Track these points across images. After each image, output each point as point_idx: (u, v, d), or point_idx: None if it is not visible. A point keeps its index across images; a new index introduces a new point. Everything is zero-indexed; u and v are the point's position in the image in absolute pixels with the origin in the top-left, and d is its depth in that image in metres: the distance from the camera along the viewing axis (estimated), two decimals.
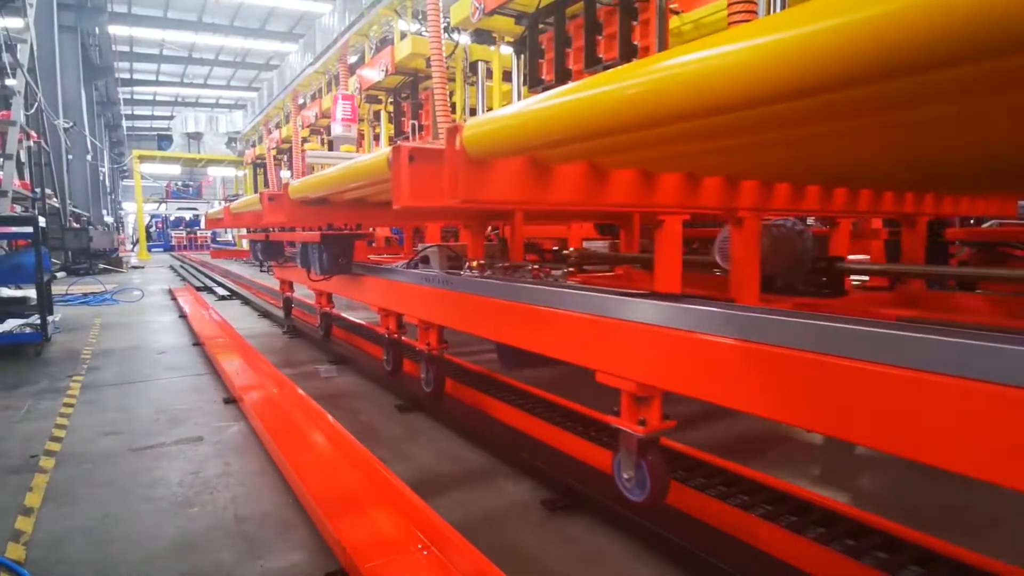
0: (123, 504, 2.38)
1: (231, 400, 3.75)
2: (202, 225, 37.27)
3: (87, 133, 20.82)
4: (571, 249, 3.70)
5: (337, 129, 9.59)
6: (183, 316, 7.26)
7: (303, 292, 8.12)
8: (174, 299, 8.99)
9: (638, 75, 1.18)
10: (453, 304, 2.81)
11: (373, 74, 10.29)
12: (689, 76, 1.07)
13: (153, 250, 30.34)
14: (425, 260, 3.43)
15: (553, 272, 2.74)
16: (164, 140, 36.31)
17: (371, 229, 7.12)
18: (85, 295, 9.63)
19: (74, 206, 16.02)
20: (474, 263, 2.94)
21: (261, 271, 6.19)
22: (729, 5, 3.88)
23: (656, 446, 1.93)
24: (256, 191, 23.96)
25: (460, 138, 1.72)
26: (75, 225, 14.72)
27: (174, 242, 34.16)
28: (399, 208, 1.93)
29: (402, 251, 7.42)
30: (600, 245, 4.09)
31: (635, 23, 5.10)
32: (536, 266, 2.89)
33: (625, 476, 1.97)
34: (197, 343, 5.60)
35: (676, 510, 2.17)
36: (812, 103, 0.99)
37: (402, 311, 3.65)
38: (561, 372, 3.90)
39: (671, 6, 5.18)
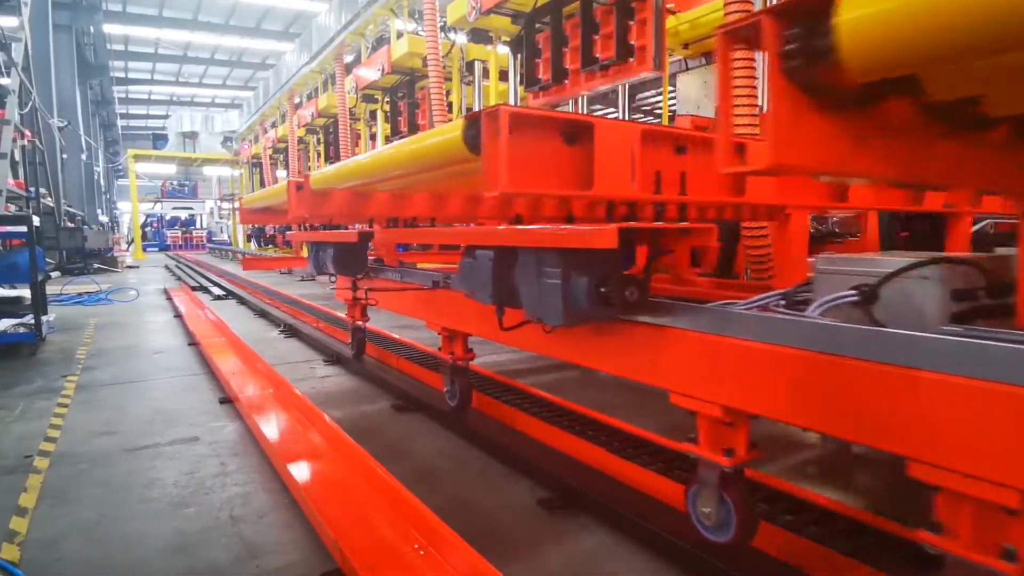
0: (118, 504, 2.36)
1: (227, 400, 3.74)
2: (199, 224, 37.18)
3: (82, 132, 20.75)
4: None
5: None
6: (178, 316, 7.23)
7: (296, 291, 8.04)
8: (169, 299, 8.96)
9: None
10: None
11: (369, 73, 10.29)
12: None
13: (148, 250, 30.24)
14: (870, 297, 1.51)
15: None
16: (159, 139, 36.21)
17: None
18: (80, 295, 9.59)
19: (69, 205, 15.96)
20: None
21: (357, 299, 4.00)
22: (725, 5, 3.89)
23: None
24: (253, 191, 23.92)
25: None
26: (70, 225, 14.67)
27: (170, 241, 34.06)
28: None
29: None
30: None
31: (632, 23, 5.10)
32: None
33: None
34: (193, 343, 5.58)
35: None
36: None
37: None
38: None
39: (667, 6, 5.19)
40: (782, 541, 1.87)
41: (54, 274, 12.73)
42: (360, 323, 4.46)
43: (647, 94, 13.03)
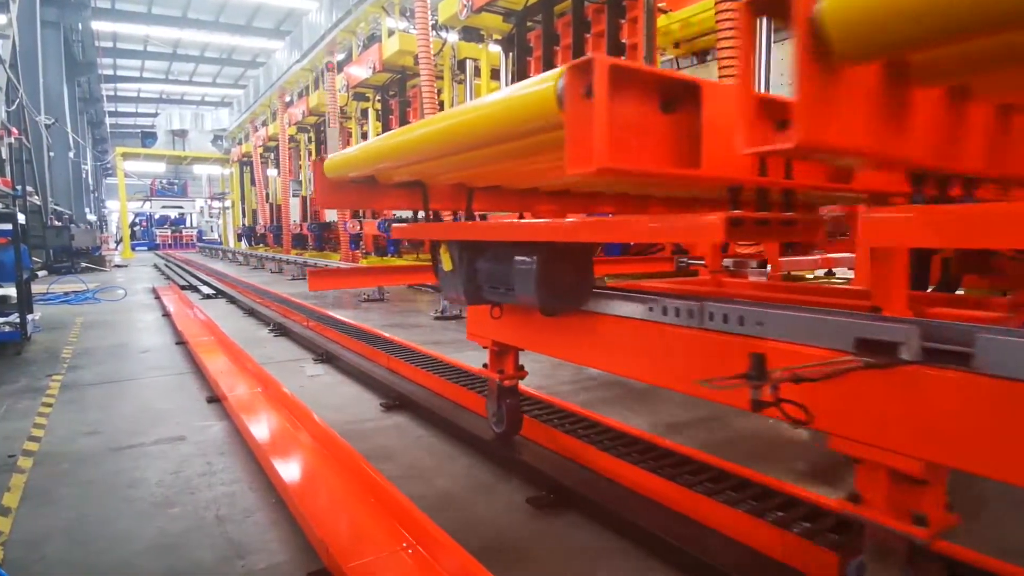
0: (102, 504, 2.33)
1: (214, 399, 3.70)
2: (189, 223, 36.86)
3: (69, 130, 20.55)
4: None
5: None
6: (167, 315, 7.17)
7: (286, 289, 7.97)
8: (158, 298, 8.89)
9: None
10: None
11: (361, 71, 10.25)
12: None
13: (137, 249, 30.03)
14: None
15: None
16: (148, 137, 35.95)
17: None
18: (66, 294, 9.50)
19: (56, 204, 15.81)
20: None
21: (503, 346, 2.57)
22: (716, 3, 3.90)
23: None
24: (243, 190, 23.79)
25: None
26: (57, 223, 14.53)
27: (159, 240, 33.81)
28: None
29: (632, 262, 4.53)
30: None
31: (623, 21, 5.11)
32: None
33: None
34: (181, 342, 5.53)
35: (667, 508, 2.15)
36: None
37: None
38: None
39: (659, 5, 5.20)
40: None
41: (41, 273, 12.60)
42: (509, 382, 2.63)
43: None
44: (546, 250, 1.95)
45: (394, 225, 2.79)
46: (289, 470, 2.45)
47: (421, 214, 2.59)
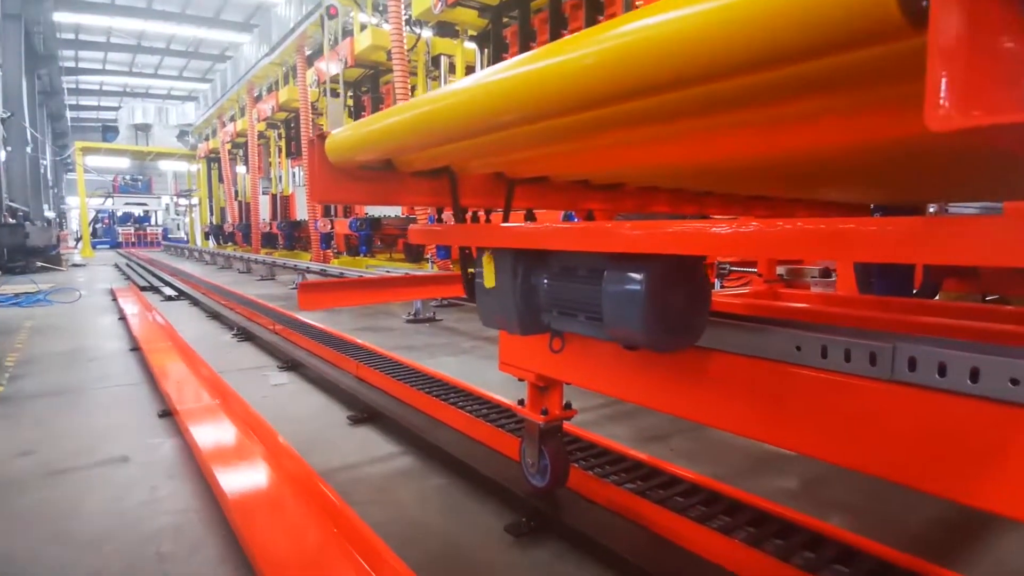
0: (29, 539, 2.09)
1: (166, 413, 3.44)
2: (154, 221, 35.84)
3: (27, 124, 19.78)
4: None
5: None
6: (123, 319, 6.82)
7: (253, 291, 7.74)
8: (115, 300, 8.49)
9: None
10: None
11: (332, 66, 9.96)
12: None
13: (98, 247, 29.08)
14: None
15: None
16: (109, 131, 34.82)
17: None
18: (17, 295, 9.03)
19: (11, 200, 15.18)
20: None
21: (548, 380, 2.03)
22: None
23: None
24: (210, 188, 23.19)
25: None
26: (11, 220, 13.97)
27: (122, 239, 32.80)
28: None
29: None
30: None
31: (601, 18, 4.97)
32: None
33: None
34: (135, 348, 5.23)
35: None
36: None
37: None
38: None
39: (637, 2, 5.07)
40: None
41: None
42: (550, 422, 2.11)
43: None
44: (660, 265, 1.36)
45: (413, 227, 2.07)
46: (243, 496, 2.23)
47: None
